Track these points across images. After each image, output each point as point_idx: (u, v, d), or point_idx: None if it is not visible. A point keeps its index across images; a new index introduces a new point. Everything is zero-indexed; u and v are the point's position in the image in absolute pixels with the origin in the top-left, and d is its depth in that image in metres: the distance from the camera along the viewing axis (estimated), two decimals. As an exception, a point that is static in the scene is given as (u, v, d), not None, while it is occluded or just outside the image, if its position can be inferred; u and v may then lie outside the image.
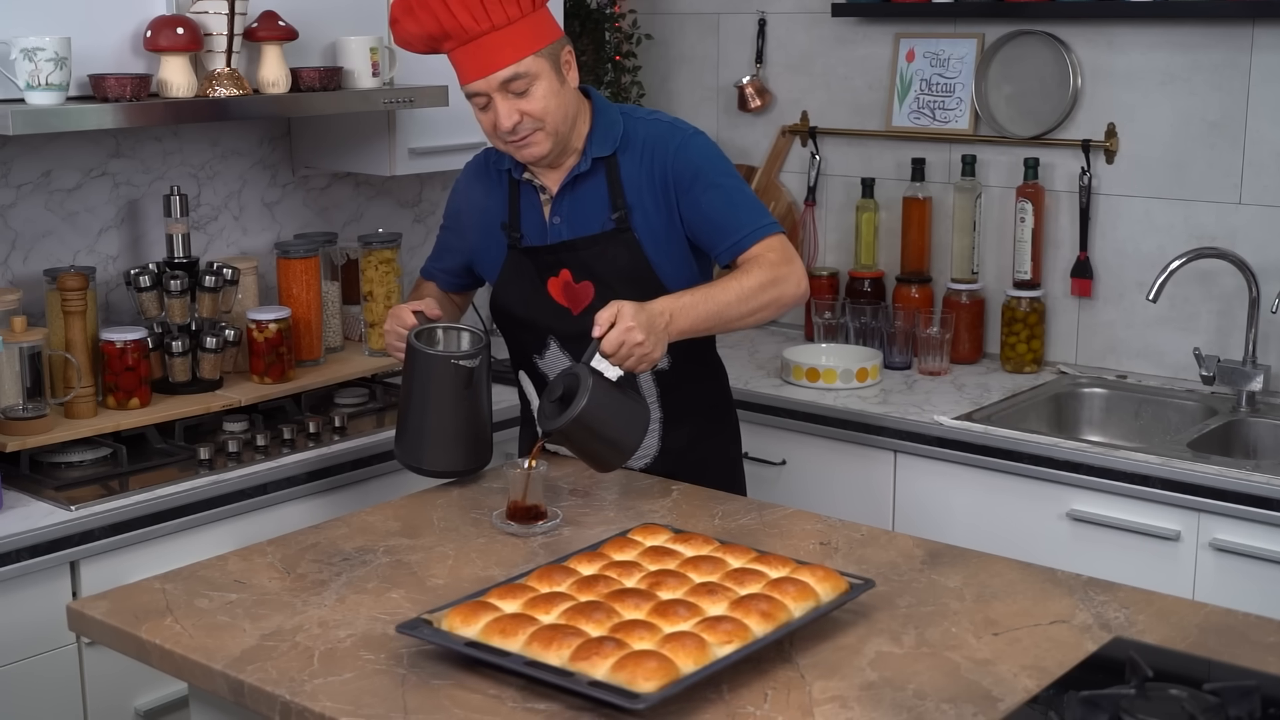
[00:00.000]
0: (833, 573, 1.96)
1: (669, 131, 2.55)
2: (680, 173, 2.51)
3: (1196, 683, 1.68)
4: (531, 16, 2.41)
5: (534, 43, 2.41)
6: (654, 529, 2.14)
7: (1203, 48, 3.34)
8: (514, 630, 1.79)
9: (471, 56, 2.41)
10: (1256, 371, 3.23)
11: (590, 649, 1.73)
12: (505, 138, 2.47)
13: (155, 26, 2.77)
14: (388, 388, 3.33)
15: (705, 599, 1.87)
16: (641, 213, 2.53)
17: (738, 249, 2.49)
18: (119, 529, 2.56)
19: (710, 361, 2.74)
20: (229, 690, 1.82)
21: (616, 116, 2.56)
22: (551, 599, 1.88)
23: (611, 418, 2.29)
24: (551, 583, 1.94)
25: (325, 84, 3.01)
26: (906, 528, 3.15)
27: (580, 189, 2.55)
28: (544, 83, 2.43)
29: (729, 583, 1.93)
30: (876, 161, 3.90)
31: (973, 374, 3.58)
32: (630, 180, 2.53)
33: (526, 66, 2.41)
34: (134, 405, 2.89)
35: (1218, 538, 2.81)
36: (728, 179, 2.53)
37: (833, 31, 3.93)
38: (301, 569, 2.16)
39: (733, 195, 2.51)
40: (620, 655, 1.71)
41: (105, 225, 3.18)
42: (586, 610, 1.83)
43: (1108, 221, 3.54)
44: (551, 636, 1.77)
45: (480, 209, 2.67)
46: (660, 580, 1.94)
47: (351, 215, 3.68)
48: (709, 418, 2.72)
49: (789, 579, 1.92)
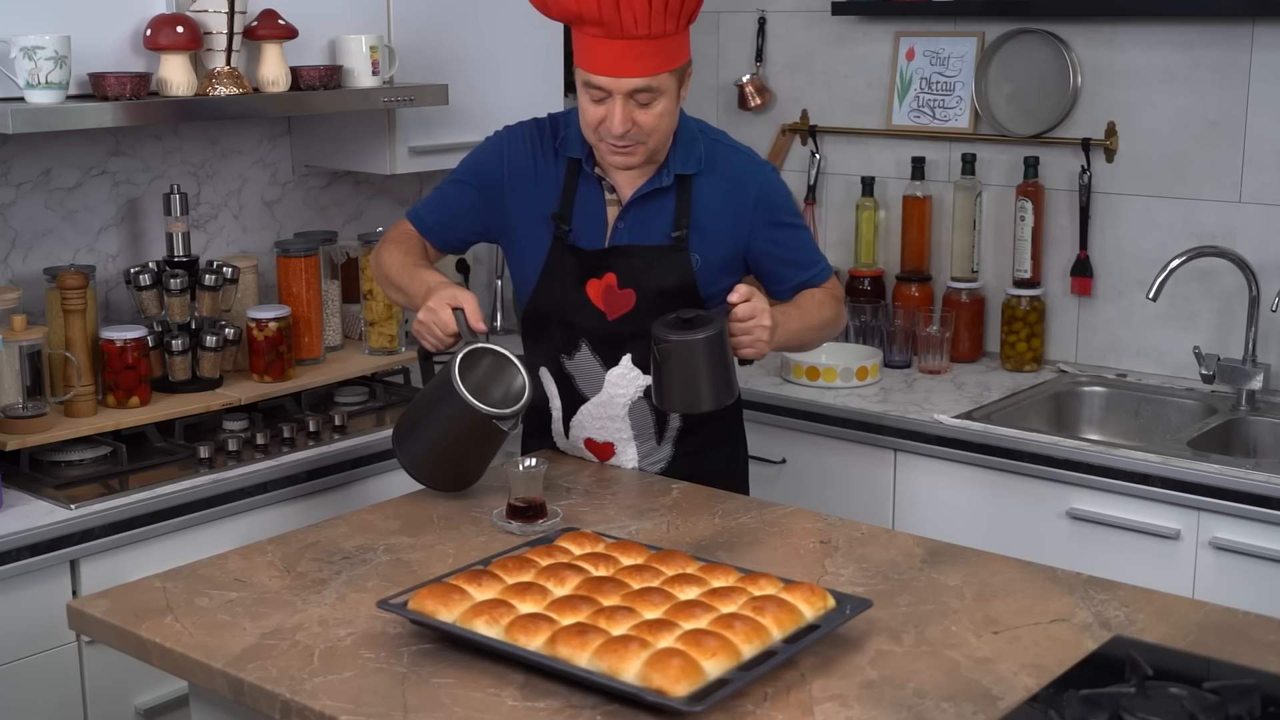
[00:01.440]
0: (819, 591, 1.89)
1: (753, 163, 2.58)
2: (761, 205, 2.54)
3: (1196, 681, 1.69)
4: (676, 35, 2.38)
5: (672, 60, 2.39)
6: (581, 536, 2.11)
7: (1203, 46, 3.34)
8: (534, 629, 1.79)
9: (613, 53, 2.35)
10: (1256, 370, 3.23)
11: (618, 645, 1.73)
12: (607, 138, 2.42)
13: (155, 25, 2.77)
14: (388, 386, 3.33)
15: (718, 601, 1.87)
16: (702, 235, 2.52)
17: (806, 285, 2.61)
18: (119, 527, 2.56)
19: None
20: (229, 689, 1.82)
21: (696, 134, 2.55)
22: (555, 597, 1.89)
23: (714, 365, 2.31)
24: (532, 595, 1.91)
25: (325, 82, 3.01)
26: (906, 526, 3.15)
27: (654, 201, 2.52)
28: (665, 100, 2.41)
29: (711, 600, 1.89)
30: (876, 160, 3.90)
31: (973, 372, 3.58)
32: (702, 202, 2.52)
33: (660, 82, 2.38)
34: (134, 404, 2.89)
35: (1217, 536, 2.81)
36: (796, 218, 2.62)
37: (833, 30, 3.93)
38: (301, 567, 2.16)
39: (804, 236, 2.63)
40: (649, 653, 1.71)
41: (105, 224, 3.18)
42: (608, 611, 1.83)
43: (1108, 220, 3.54)
44: (572, 634, 1.76)
45: (527, 185, 2.58)
46: (652, 590, 1.93)
47: (351, 214, 3.68)
48: (722, 427, 2.69)
49: (773, 598, 1.87)
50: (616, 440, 2.61)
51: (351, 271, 3.43)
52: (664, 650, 1.71)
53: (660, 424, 2.60)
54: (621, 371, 2.55)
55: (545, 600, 1.87)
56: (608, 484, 2.55)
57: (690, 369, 2.31)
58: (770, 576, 1.93)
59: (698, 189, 2.52)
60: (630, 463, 2.63)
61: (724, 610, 1.83)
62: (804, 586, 1.89)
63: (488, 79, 3.46)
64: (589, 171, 2.54)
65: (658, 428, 2.60)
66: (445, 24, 3.36)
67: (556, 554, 2.04)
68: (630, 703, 1.70)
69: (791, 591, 1.88)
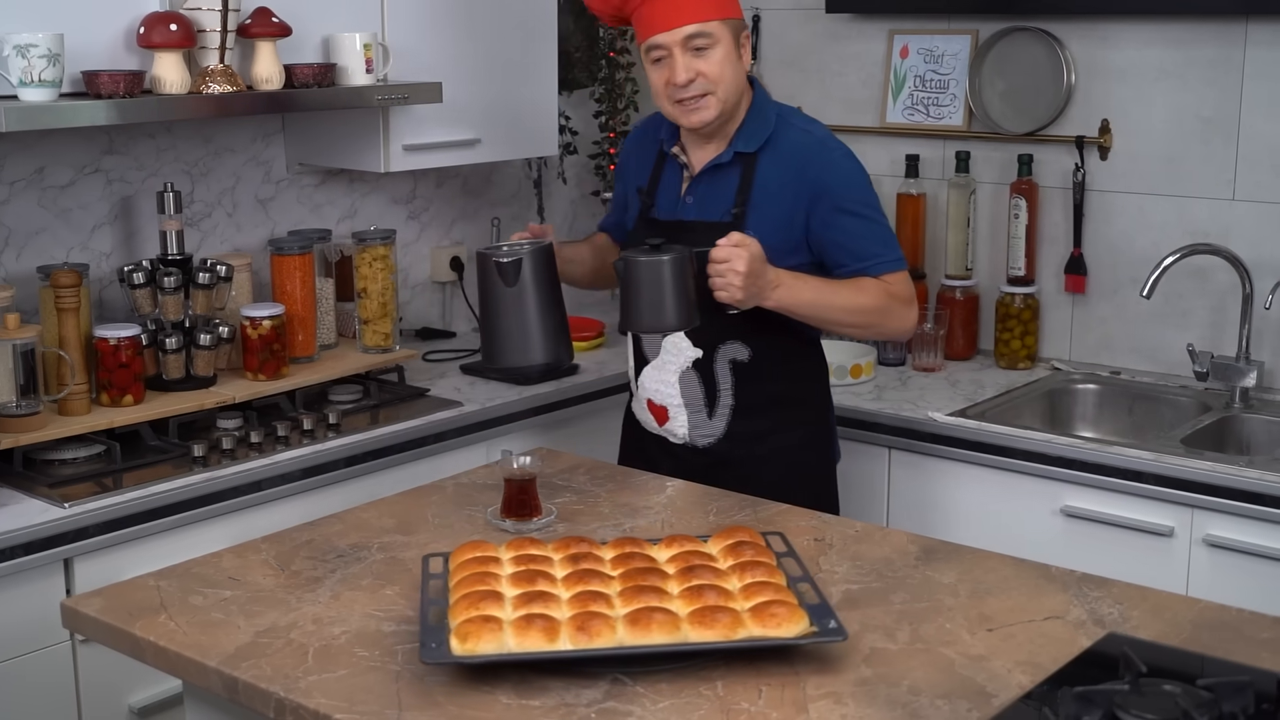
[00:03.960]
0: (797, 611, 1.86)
1: (818, 146, 2.63)
2: (821, 189, 2.59)
3: (1190, 678, 1.69)
4: None
5: (721, 10, 2.55)
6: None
7: (1196, 44, 3.34)
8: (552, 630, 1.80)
9: (661, 9, 2.54)
10: (1250, 367, 3.23)
11: (711, 616, 1.78)
12: (676, 94, 2.57)
13: (148, 23, 2.76)
14: (382, 384, 3.33)
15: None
16: (760, 214, 2.59)
17: (860, 274, 2.60)
18: (113, 526, 2.56)
19: (795, 368, 2.73)
20: (223, 687, 1.82)
21: (771, 116, 2.65)
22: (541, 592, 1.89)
23: (669, 291, 2.44)
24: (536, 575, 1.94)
25: (319, 80, 3.00)
26: (901, 524, 3.15)
27: (717, 176, 2.65)
28: (722, 48, 2.55)
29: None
30: (871, 158, 3.88)
31: (967, 370, 3.59)
32: (763, 181, 2.61)
33: (712, 28, 2.54)
34: (128, 402, 2.89)
35: (1211, 533, 2.81)
36: (866, 208, 2.62)
37: (827, 28, 3.93)
38: (296, 566, 2.16)
39: (868, 224, 2.62)
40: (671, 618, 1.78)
41: (99, 222, 3.18)
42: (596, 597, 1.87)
43: (1101, 218, 3.54)
44: (584, 622, 1.79)
45: (633, 168, 2.84)
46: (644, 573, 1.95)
47: (345, 212, 3.67)
48: (785, 419, 2.71)
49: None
50: (669, 405, 2.70)
51: (346, 269, 3.43)
52: (764, 603, 1.81)
53: (710, 397, 2.67)
54: (674, 339, 2.67)
55: (563, 602, 1.87)
56: (602, 482, 2.55)
57: (647, 290, 2.44)
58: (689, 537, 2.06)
59: (761, 168, 2.62)
60: (681, 429, 2.71)
61: (725, 566, 1.97)
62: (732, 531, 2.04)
63: (482, 77, 3.46)
64: (667, 151, 2.72)
65: (708, 400, 2.68)
66: (439, 22, 3.36)
67: (491, 564, 2.00)
68: (623, 697, 1.70)
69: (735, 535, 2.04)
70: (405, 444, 3.02)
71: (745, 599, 1.85)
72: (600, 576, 1.92)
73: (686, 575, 1.92)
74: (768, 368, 2.67)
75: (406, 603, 2.01)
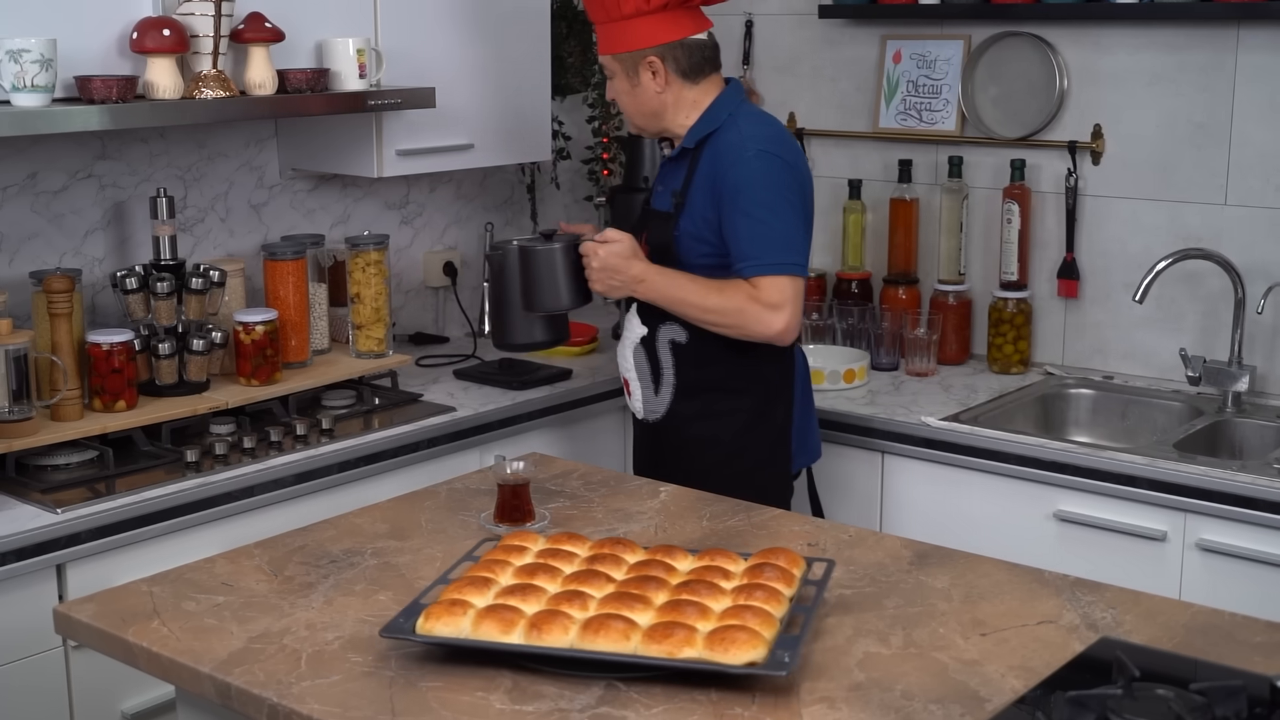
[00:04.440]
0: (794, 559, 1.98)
1: (738, 145, 2.76)
2: (726, 187, 2.74)
3: (1183, 682, 1.69)
4: (613, 24, 2.81)
5: (614, 46, 2.83)
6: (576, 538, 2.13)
7: (1188, 49, 3.35)
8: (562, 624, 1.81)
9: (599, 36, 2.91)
10: (1242, 372, 3.24)
11: (666, 631, 1.77)
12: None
13: (141, 28, 2.76)
14: (375, 390, 3.32)
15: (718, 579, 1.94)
16: (690, 206, 2.81)
17: (744, 274, 2.73)
18: (105, 531, 2.56)
19: (737, 354, 2.82)
20: (216, 693, 1.82)
21: (723, 115, 2.83)
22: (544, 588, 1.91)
23: (544, 281, 2.81)
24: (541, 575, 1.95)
25: (312, 85, 3.00)
26: (894, 528, 3.15)
27: (672, 170, 2.91)
28: (618, 79, 2.86)
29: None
30: (863, 163, 3.90)
31: (960, 375, 3.59)
32: (699, 175, 2.81)
33: (605, 61, 2.88)
34: (120, 407, 2.89)
35: (1204, 538, 2.82)
36: (759, 208, 2.72)
37: (819, 33, 3.93)
38: (289, 571, 2.16)
39: (756, 227, 2.72)
40: (704, 633, 1.77)
41: (91, 227, 3.17)
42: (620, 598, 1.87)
43: (1094, 222, 3.55)
44: (601, 625, 1.79)
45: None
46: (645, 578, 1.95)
47: (338, 217, 3.67)
48: (727, 405, 2.85)
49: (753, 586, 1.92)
50: (629, 379, 2.93)
51: (339, 274, 3.43)
52: (724, 627, 1.78)
53: (656, 374, 2.87)
54: (630, 316, 2.90)
55: (544, 598, 1.88)
56: (595, 487, 2.55)
57: (544, 274, 2.81)
58: (728, 553, 2.03)
59: (700, 163, 2.81)
60: (637, 403, 2.92)
61: (729, 586, 1.93)
62: (772, 552, 2.00)
63: (475, 82, 3.46)
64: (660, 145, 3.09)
65: (654, 377, 2.87)
66: (432, 27, 3.36)
67: (515, 554, 2.05)
68: (616, 703, 1.70)
69: (769, 557, 1.99)
70: (398, 449, 3.02)
71: (719, 620, 1.82)
72: (602, 578, 1.93)
73: (684, 589, 1.90)
74: (707, 351, 2.81)
75: (400, 608, 2.01)
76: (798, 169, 2.79)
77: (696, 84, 2.83)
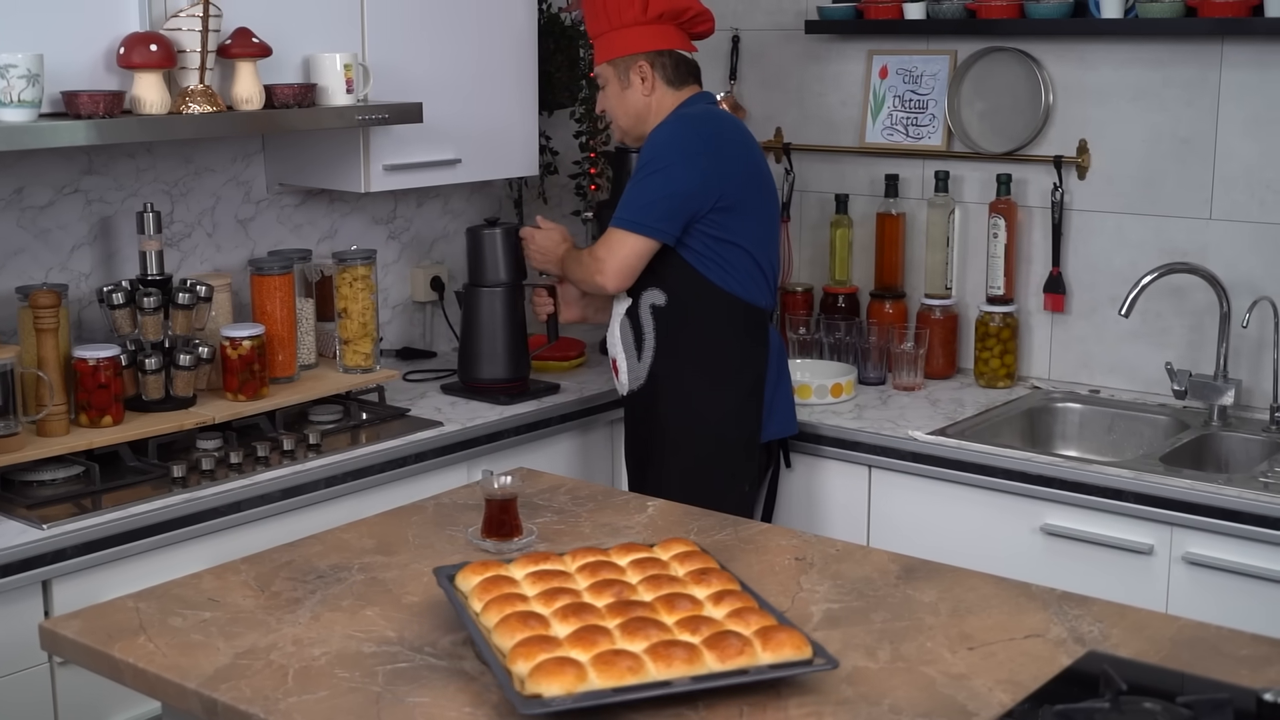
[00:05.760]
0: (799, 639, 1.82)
1: (655, 130, 3.05)
2: None
3: (1170, 696, 1.69)
4: (608, 34, 3.08)
5: (611, 52, 3.09)
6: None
7: (1173, 64, 3.37)
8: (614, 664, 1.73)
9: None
10: (1228, 386, 3.25)
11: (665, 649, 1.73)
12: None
13: (128, 43, 2.76)
14: (362, 405, 3.32)
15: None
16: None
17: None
18: (91, 547, 2.55)
19: (712, 316, 3.03)
20: (203, 709, 1.81)
21: (673, 118, 3.05)
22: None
23: (487, 258, 3.40)
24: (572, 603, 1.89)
25: (299, 100, 3.00)
26: (881, 543, 3.15)
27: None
28: (609, 88, 3.12)
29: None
30: (850, 178, 3.91)
31: (947, 389, 3.59)
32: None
33: (599, 70, 3.13)
34: (107, 423, 2.88)
35: (1190, 551, 2.82)
36: (640, 174, 3.00)
37: (806, 48, 3.94)
38: (276, 587, 2.15)
39: (631, 186, 3.01)
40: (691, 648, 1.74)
41: (78, 242, 3.17)
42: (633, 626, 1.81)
43: (1080, 237, 3.56)
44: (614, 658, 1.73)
45: None
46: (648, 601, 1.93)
47: (325, 232, 3.67)
48: (705, 367, 3.04)
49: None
50: (616, 355, 3.14)
51: (326, 290, 3.43)
52: (766, 628, 1.80)
53: (639, 341, 3.07)
54: (614, 325, 3.12)
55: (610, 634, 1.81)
56: (583, 502, 2.55)
57: (488, 253, 3.39)
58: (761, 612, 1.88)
59: None
60: (623, 376, 3.12)
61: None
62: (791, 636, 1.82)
63: (462, 97, 3.47)
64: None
65: (637, 344, 3.08)
66: (419, 42, 3.36)
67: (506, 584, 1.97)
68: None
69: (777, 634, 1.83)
70: (386, 464, 3.01)
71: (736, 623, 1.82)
72: (624, 598, 1.90)
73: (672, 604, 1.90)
74: (684, 315, 3.02)
75: (387, 624, 2.01)
76: (707, 138, 3.00)
77: (678, 91, 3.10)
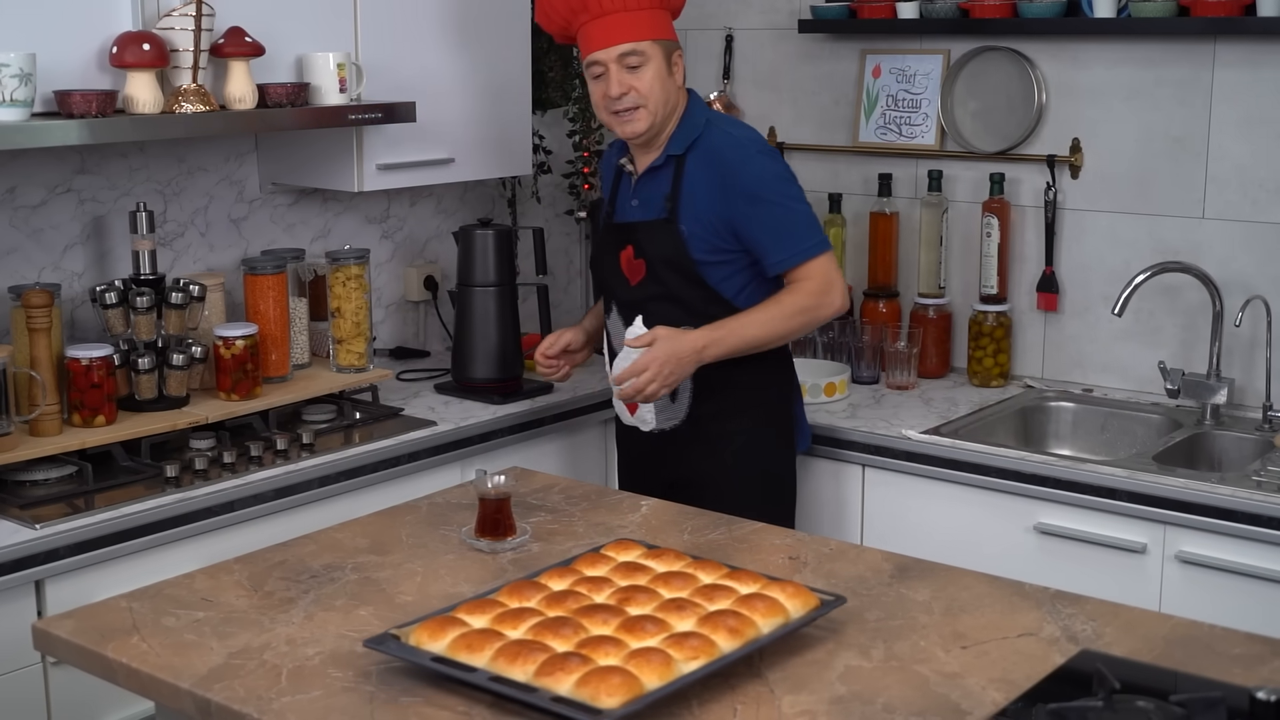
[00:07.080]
0: (803, 589, 1.96)
1: (737, 146, 2.86)
2: (737, 187, 2.81)
3: (1163, 694, 1.70)
4: (655, 10, 2.83)
5: (653, 31, 2.83)
6: (627, 544, 2.14)
7: (1166, 64, 3.37)
8: (480, 645, 1.79)
9: (601, 29, 2.82)
10: (1220, 385, 3.25)
11: (555, 664, 1.73)
12: (612, 106, 2.84)
13: (121, 43, 2.76)
14: (355, 404, 3.32)
15: (674, 615, 1.88)
16: (690, 209, 2.84)
17: (782, 267, 2.82)
18: (84, 547, 2.54)
19: (753, 355, 2.86)
20: (196, 709, 1.81)
21: (700, 121, 2.89)
22: (520, 614, 1.89)
23: (477, 259, 3.42)
24: (521, 598, 1.95)
25: (292, 100, 3.00)
26: (875, 542, 3.16)
27: (655, 179, 2.91)
28: (654, 66, 2.83)
29: (699, 599, 1.93)
30: (843, 177, 3.91)
31: (940, 388, 3.60)
32: (690, 180, 2.86)
33: (644, 47, 2.82)
34: (100, 423, 2.88)
35: (1183, 550, 2.83)
36: (783, 199, 2.83)
37: (799, 48, 3.94)
38: (269, 586, 2.15)
39: (782, 217, 2.82)
40: (585, 671, 1.71)
41: (70, 242, 3.16)
42: (554, 626, 1.84)
43: (1073, 236, 3.56)
44: (517, 652, 1.77)
45: (604, 188, 3.13)
46: (630, 596, 1.94)
47: (319, 231, 3.67)
48: (746, 400, 2.92)
49: (759, 595, 1.93)
50: None
51: (319, 289, 3.42)
52: (750, 595, 1.90)
53: None
54: (635, 331, 2.86)
55: (531, 622, 1.87)
56: (577, 501, 2.55)
57: (478, 254, 3.41)
58: (753, 574, 2.01)
59: (688, 168, 2.86)
60: (647, 415, 2.92)
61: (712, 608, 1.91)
62: (789, 585, 1.96)
63: (456, 96, 3.46)
64: (619, 163, 2.99)
65: None
66: (413, 41, 3.36)
67: (599, 563, 2.09)
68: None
69: (776, 589, 1.95)
70: (379, 464, 3.01)
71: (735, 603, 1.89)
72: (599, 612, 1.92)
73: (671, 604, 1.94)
74: None
75: (380, 623, 2.01)
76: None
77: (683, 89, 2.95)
